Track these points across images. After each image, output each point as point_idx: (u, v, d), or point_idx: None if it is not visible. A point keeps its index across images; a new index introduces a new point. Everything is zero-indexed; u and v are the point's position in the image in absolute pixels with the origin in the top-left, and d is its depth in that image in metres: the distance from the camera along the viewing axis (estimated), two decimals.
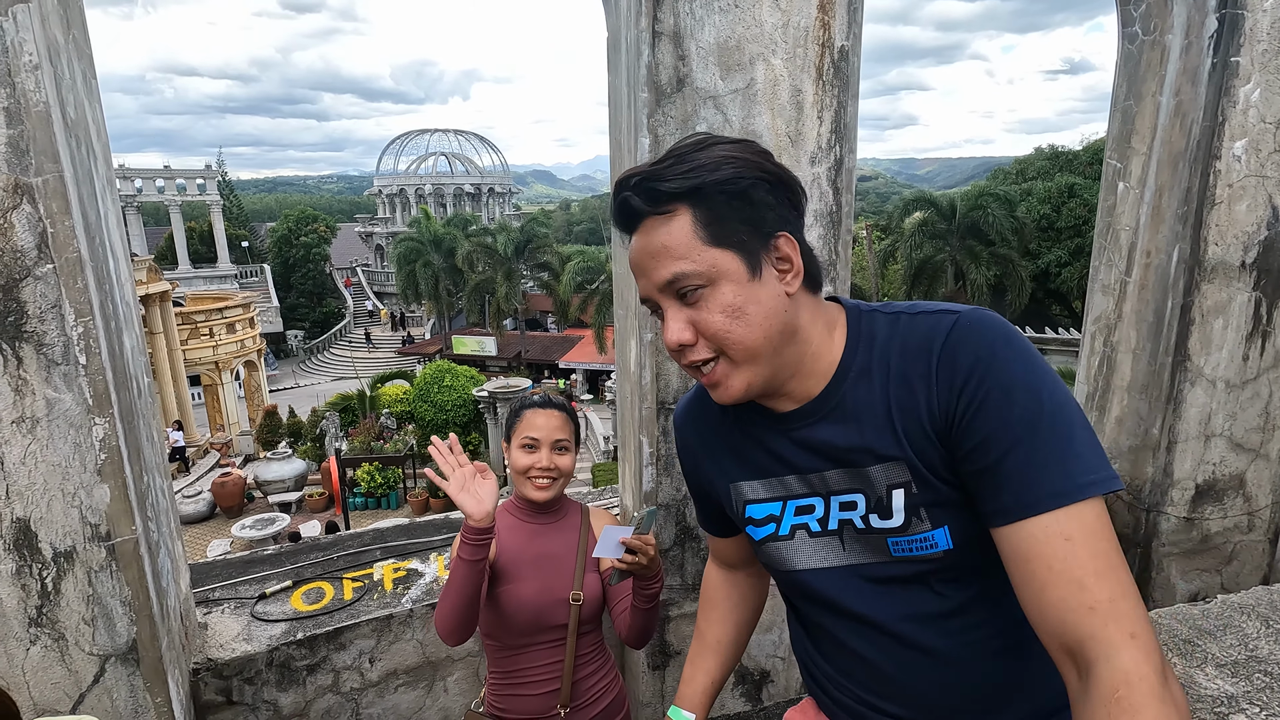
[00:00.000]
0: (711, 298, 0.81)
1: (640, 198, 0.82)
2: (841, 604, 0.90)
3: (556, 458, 1.56)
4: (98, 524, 1.49)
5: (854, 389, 0.84)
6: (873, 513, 0.85)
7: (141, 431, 1.67)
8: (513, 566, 1.55)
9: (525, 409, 1.59)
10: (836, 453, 0.86)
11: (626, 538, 1.37)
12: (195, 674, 1.87)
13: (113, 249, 1.64)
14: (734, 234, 0.80)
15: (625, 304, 2.14)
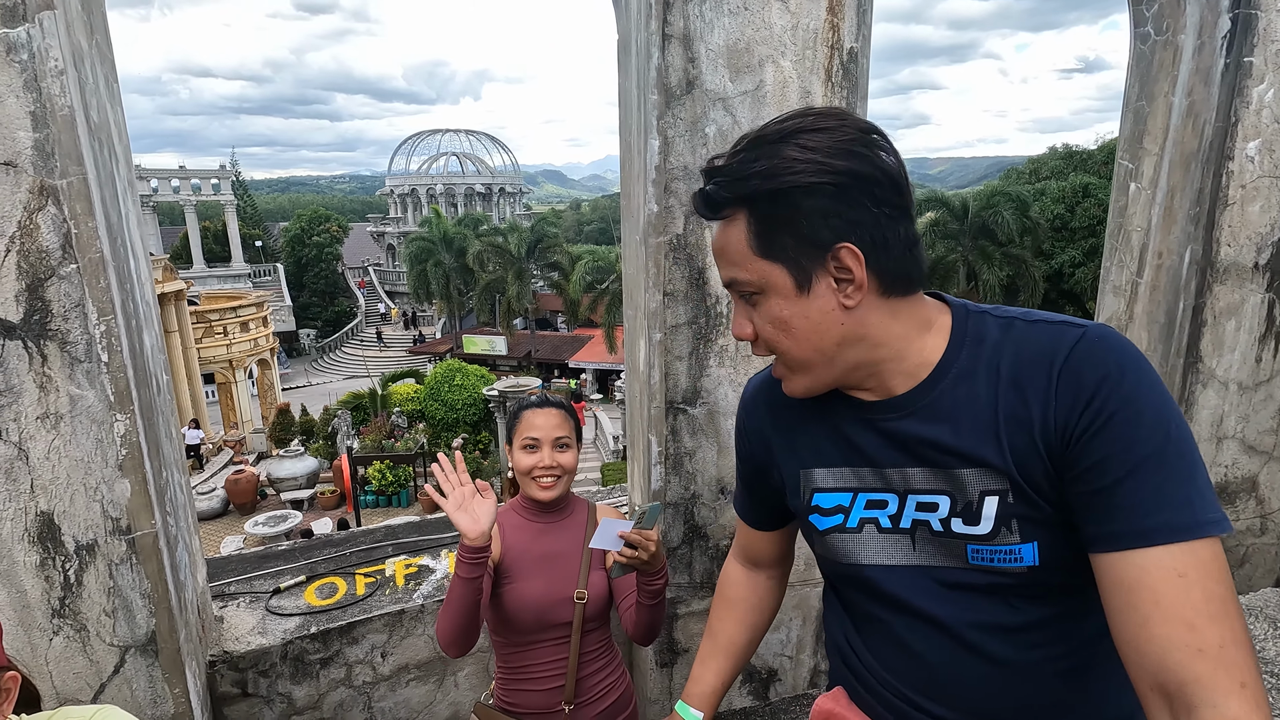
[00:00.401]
0: (763, 305, 0.81)
1: (702, 204, 0.83)
2: (905, 601, 0.87)
3: (558, 455, 1.57)
4: (118, 518, 1.53)
5: (953, 389, 0.81)
6: (957, 517, 0.82)
7: (160, 428, 1.71)
8: (518, 565, 1.57)
9: (524, 410, 1.62)
10: (924, 450, 0.83)
11: (625, 531, 1.39)
12: (212, 666, 1.90)
13: (133, 249, 1.67)
14: (783, 247, 0.78)
15: (635, 304, 2.15)
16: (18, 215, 1.36)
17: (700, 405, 2.07)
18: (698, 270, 1.98)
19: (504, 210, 49.30)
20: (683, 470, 2.11)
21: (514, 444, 1.60)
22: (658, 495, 2.11)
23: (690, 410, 2.07)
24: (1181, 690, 0.65)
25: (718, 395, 2.07)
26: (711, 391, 2.07)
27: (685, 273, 1.98)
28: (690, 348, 2.03)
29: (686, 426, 2.08)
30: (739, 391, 2.08)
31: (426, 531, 2.58)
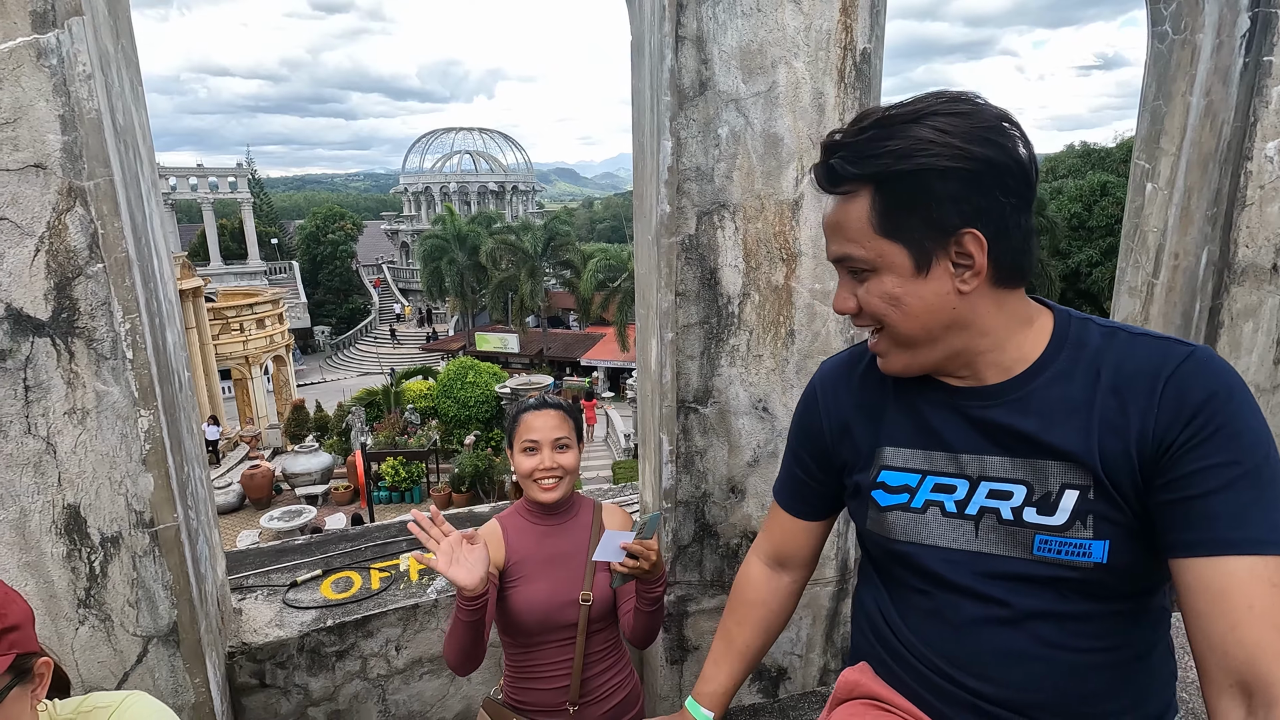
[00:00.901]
0: (874, 282, 0.83)
1: (824, 177, 0.84)
2: (958, 583, 0.89)
3: (558, 456, 1.57)
4: (142, 511, 1.56)
5: (1048, 387, 0.84)
6: (1031, 506, 0.84)
7: (182, 423, 1.74)
8: (523, 568, 1.58)
9: (522, 413, 1.62)
10: (1010, 439, 0.85)
11: (627, 542, 1.41)
12: (231, 657, 1.94)
13: (156, 249, 1.71)
14: (907, 228, 0.79)
15: (647, 303, 2.17)
16: (47, 216, 1.40)
17: (711, 404, 2.08)
18: (709, 271, 1.99)
19: (517, 208, 49.47)
20: (693, 469, 2.12)
21: (514, 447, 1.61)
22: (669, 493, 2.12)
23: (701, 409, 2.08)
24: (1268, 689, 0.69)
25: (728, 395, 2.08)
26: (722, 391, 2.08)
27: (697, 273, 1.99)
28: (702, 347, 2.04)
29: (698, 425, 2.09)
30: (750, 391, 2.09)
31: None
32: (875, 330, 0.89)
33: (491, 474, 16.75)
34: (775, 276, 2.03)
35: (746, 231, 1.99)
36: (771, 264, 2.02)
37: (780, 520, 1.17)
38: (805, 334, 2.08)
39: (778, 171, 1.97)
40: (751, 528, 2.20)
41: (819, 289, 2.05)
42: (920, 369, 0.89)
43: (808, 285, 2.05)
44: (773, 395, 2.10)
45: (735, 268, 2.01)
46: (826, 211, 0.87)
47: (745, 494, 2.17)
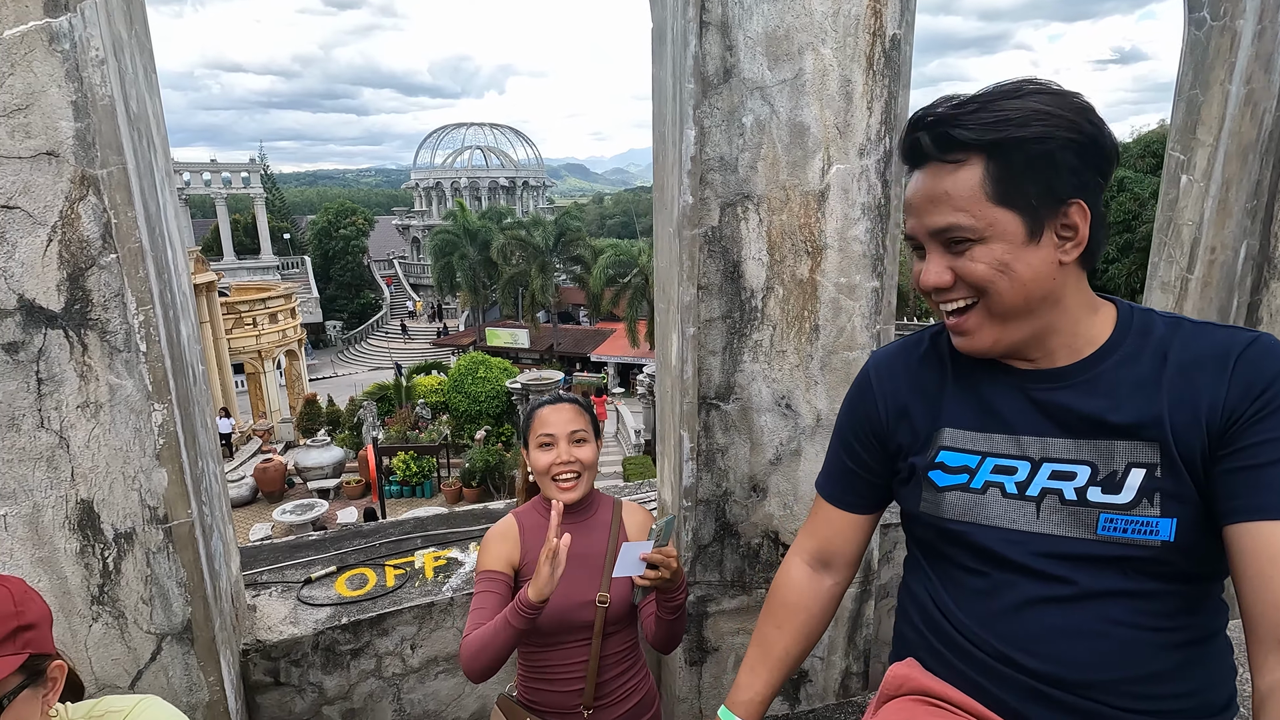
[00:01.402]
0: (981, 250, 0.83)
1: (932, 141, 0.83)
2: (1020, 563, 0.88)
3: (575, 450, 1.53)
4: (156, 507, 1.54)
5: (1116, 369, 0.86)
6: (1095, 485, 0.85)
7: (196, 418, 1.71)
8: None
9: (536, 409, 1.58)
10: (1076, 421, 0.86)
11: (647, 553, 1.35)
12: (245, 654, 1.92)
13: (171, 240, 1.68)
14: (1023, 195, 0.80)
15: (667, 297, 2.12)
16: (59, 205, 1.37)
17: (733, 401, 2.03)
18: (732, 264, 1.94)
19: (527, 204, 49.49)
20: (715, 467, 2.07)
21: (529, 445, 1.56)
22: (689, 492, 2.08)
23: (723, 406, 2.03)
24: None
25: (750, 391, 2.03)
26: (744, 387, 2.03)
27: (720, 266, 1.94)
28: (724, 342, 1.99)
29: (719, 422, 2.04)
30: (773, 388, 2.04)
31: (454, 524, 2.58)
32: (966, 306, 0.88)
33: (502, 469, 16.77)
34: (800, 270, 1.98)
35: (771, 224, 1.94)
36: (796, 257, 1.97)
37: (826, 515, 1.13)
38: (830, 329, 2.02)
39: (803, 162, 1.91)
40: (773, 527, 2.15)
41: (844, 283, 2.00)
42: (1005, 347, 0.89)
43: (833, 279, 1.99)
44: (796, 392, 2.05)
45: (759, 261, 1.96)
46: (918, 186, 0.86)
47: (767, 493, 2.12)
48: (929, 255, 0.88)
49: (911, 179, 0.87)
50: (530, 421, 1.57)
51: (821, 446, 2.09)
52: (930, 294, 0.88)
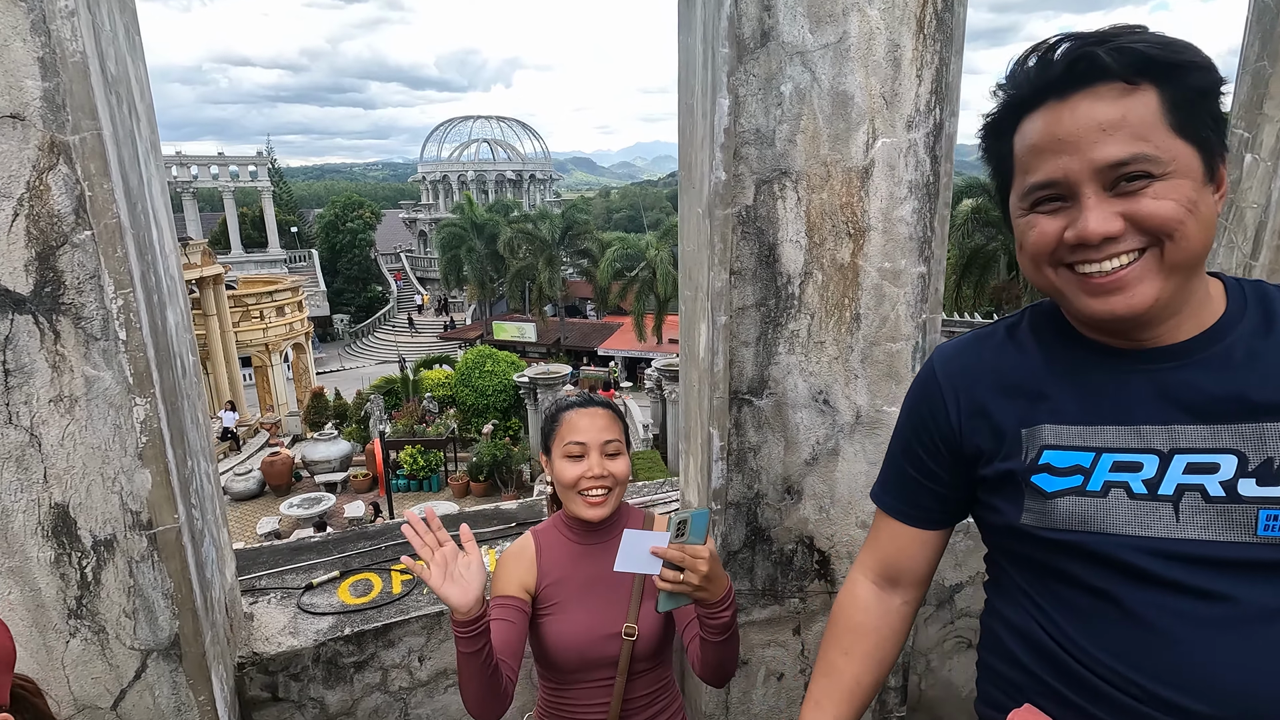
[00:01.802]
0: (1164, 187, 0.70)
1: (1114, 57, 0.70)
2: (1165, 577, 0.75)
3: (609, 463, 1.32)
4: (139, 511, 1.40)
5: (1249, 339, 0.76)
6: (1248, 477, 0.72)
7: (185, 413, 1.57)
8: (559, 593, 1.35)
9: (564, 411, 1.37)
10: (1208, 402, 0.75)
11: (660, 548, 1.12)
12: (240, 668, 1.78)
13: (156, 218, 1.53)
14: (1201, 127, 0.71)
15: (694, 284, 1.96)
16: (26, 175, 1.22)
17: (767, 396, 1.88)
18: (768, 246, 1.78)
19: (534, 197, 49.33)
20: (746, 467, 1.92)
21: (553, 452, 1.36)
22: (718, 494, 1.92)
23: (756, 401, 1.88)
24: None
25: (785, 385, 1.88)
26: (779, 381, 1.87)
27: (754, 249, 1.78)
28: (758, 332, 1.83)
29: (751, 419, 1.89)
30: (810, 382, 1.88)
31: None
32: (1133, 257, 0.73)
33: (510, 463, 16.68)
34: (841, 254, 1.81)
35: (810, 202, 1.78)
36: (837, 239, 1.81)
37: (890, 530, 1.00)
38: (872, 318, 1.86)
39: (846, 135, 1.75)
40: (808, 532, 2.00)
41: (888, 268, 1.84)
42: (1163, 306, 0.75)
43: (876, 264, 1.83)
44: (834, 387, 1.89)
45: (796, 243, 1.79)
46: (1081, 114, 0.71)
47: (802, 495, 1.96)
48: (1089, 200, 0.73)
49: (1060, 111, 0.72)
50: (556, 425, 1.37)
51: (861, 446, 1.94)
52: (1088, 249, 0.73)
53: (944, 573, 2.41)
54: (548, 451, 1.39)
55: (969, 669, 2.63)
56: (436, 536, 1.17)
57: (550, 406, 1.44)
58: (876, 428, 1.93)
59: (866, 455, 1.95)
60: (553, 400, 1.48)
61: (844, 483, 1.97)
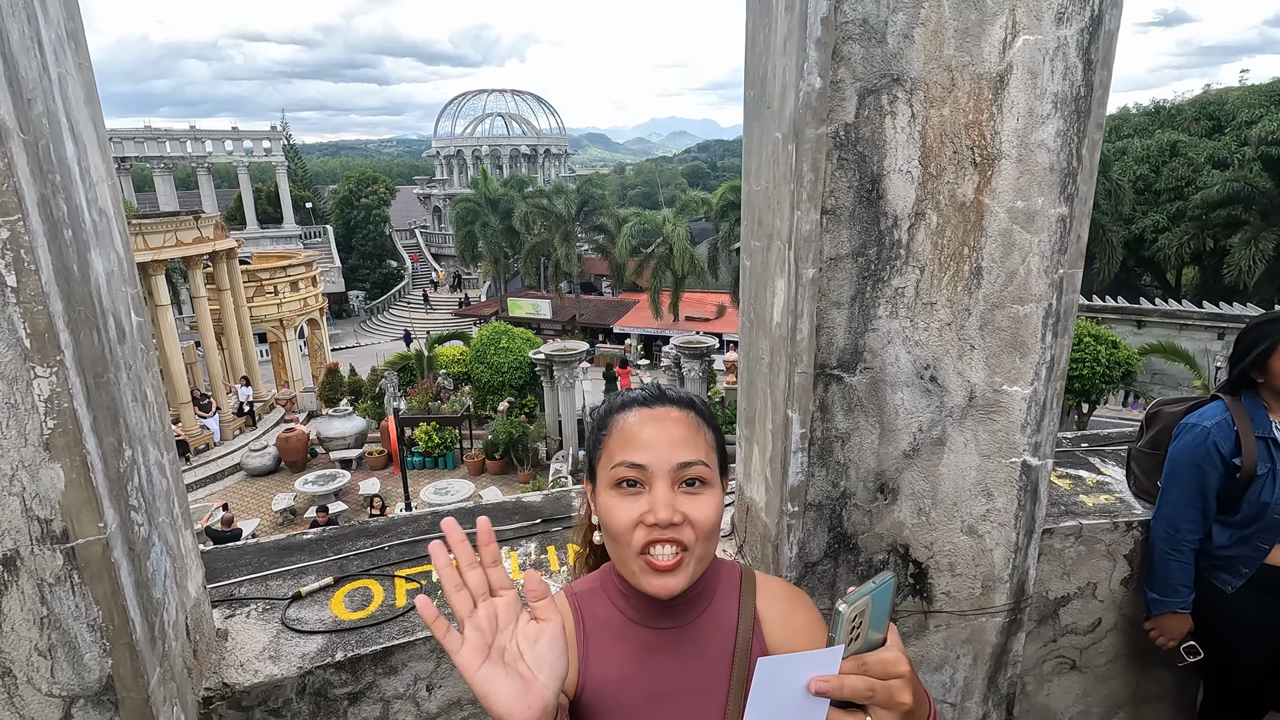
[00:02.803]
0: None
1: None
2: None
3: (686, 503, 0.83)
4: (48, 519, 1.04)
5: None
6: None
7: (124, 389, 1.21)
8: (613, 708, 0.88)
9: (617, 413, 0.91)
10: None
11: (824, 679, 0.62)
12: (208, 703, 1.45)
13: (75, 129, 1.16)
14: None
15: (767, 231, 1.57)
16: None
17: (861, 372, 1.49)
18: (871, 178, 1.38)
19: (549, 172, 48.64)
20: (831, 460, 1.54)
21: (599, 475, 0.89)
22: (796, 493, 1.54)
23: (847, 378, 1.49)
24: None
25: (884, 358, 1.49)
26: (877, 353, 1.48)
27: (853, 181, 1.38)
28: (853, 290, 1.44)
29: (840, 400, 1.50)
30: (914, 353, 1.49)
31: None
32: None
33: (525, 441, 16.43)
34: (962, 188, 1.41)
35: (927, 120, 1.37)
36: (959, 170, 1.40)
37: None
38: (996, 273, 1.46)
39: (978, 29, 1.34)
40: (903, 539, 1.62)
41: (1020, 208, 1.43)
42: None
43: (1006, 202, 1.42)
44: (945, 360, 1.50)
45: (907, 174, 1.39)
46: None
47: (898, 494, 1.58)
48: None
49: None
50: (605, 434, 0.90)
51: (973, 434, 1.55)
52: None
53: (1048, 582, 2.03)
54: (593, 475, 0.93)
55: (1069, 694, 2.26)
56: (485, 574, 0.68)
57: (601, 406, 0.97)
58: (993, 412, 1.54)
59: (979, 446, 1.56)
60: (604, 403, 0.96)
61: (949, 480, 1.58)
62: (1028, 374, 1.52)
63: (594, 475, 0.92)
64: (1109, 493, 2.20)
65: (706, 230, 30.09)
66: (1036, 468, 1.59)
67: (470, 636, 0.66)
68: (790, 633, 0.94)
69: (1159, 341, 15.54)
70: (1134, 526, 2.05)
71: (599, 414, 0.94)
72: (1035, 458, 1.58)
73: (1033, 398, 1.53)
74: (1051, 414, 1.57)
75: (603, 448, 0.89)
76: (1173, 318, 17.45)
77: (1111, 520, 2.04)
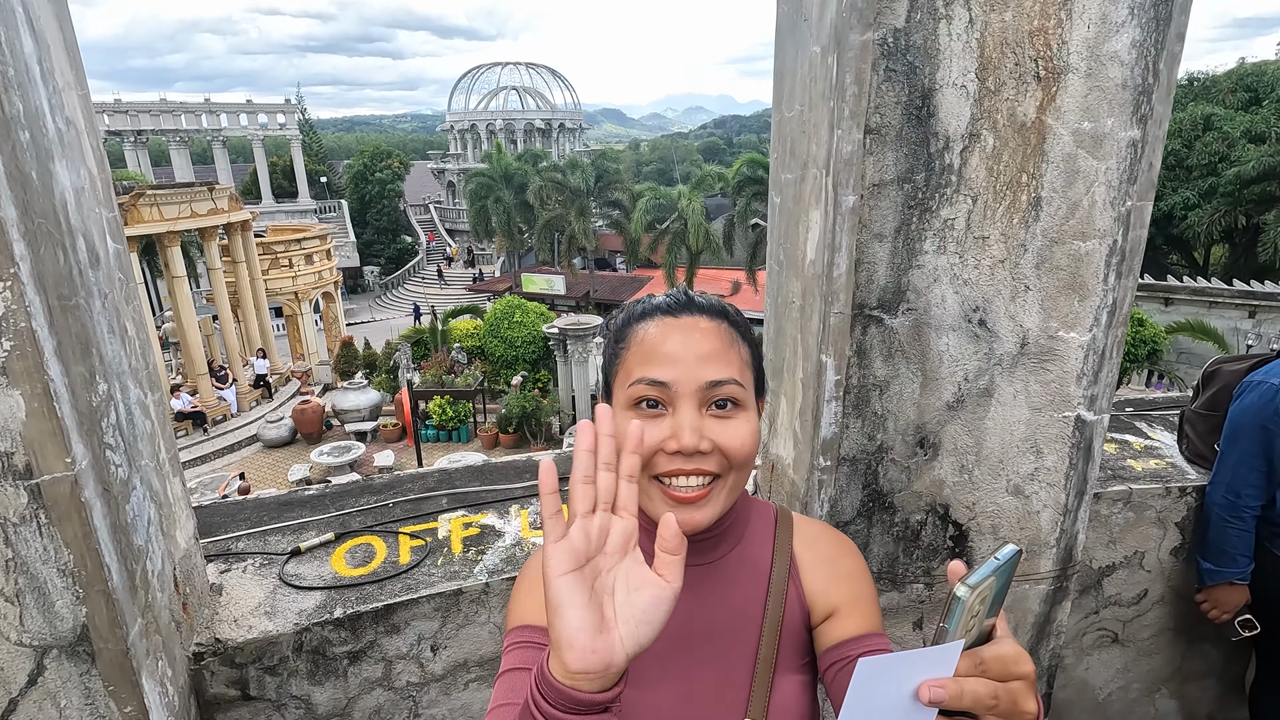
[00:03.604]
0: None
1: None
2: None
3: (716, 427, 0.73)
4: (9, 451, 0.95)
5: None
6: None
7: (97, 318, 1.11)
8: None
9: (637, 321, 0.79)
10: None
11: (940, 684, 0.50)
12: (199, 658, 1.36)
13: (33, 24, 1.04)
14: None
15: (801, 159, 1.43)
16: None
17: (904, 313, 1.35)
18: (921, 92, 1.24)
19: (563, 147, 48.18)
20: (868, 411, 1.41)
21: (615, 395, 0.78)
22: (829, 447, 1.42)
23: (887, 320, 1.36)
24: None
25: (929, 298, 1.35)
26: (921, 292, 1.35)
27: (901, 96, 1.23)
28: (897, 222, 1.30)
29: (880, 345, 1.37)
30: (962, 293, 1.35)
31: (491, 479, 1.99)
32: None
33: (539, 415, 16.41)
34: (1023, 106, 1.26)
35: (986, 26, 1.22)
36: (1020, 85, 1.25)
37: None
38: (1057, 204, 1.31)
39: None
40: (943, 499, 1.50)
41: (1087, 130, 1.28)
42: None
43: (1071, 123, 1.27)
44: (995, 301, 1.36)
45: (962, 89, 1.24)
46: None
47: (939, 449, 1.46)
48: None
49: None
50: (623, 344, 0.79)
51: (1023, 384, 1.41)
52: None
53: (1093, 551, 1.90)
54: (608, 395, 0.82)
55: (1110, 668, 2.14)
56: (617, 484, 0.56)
57: (618, 313, 0.85)
58: (1047, 361, 1.40)
59: (1029, 398, 1.43)
60: (622, 310, 0.84)
61: (995, 434, 1.45)
62: (1086, 319, 1.38)
63: (609, 394, 0.80)
64: (1159, 457, 2.06)
65: (722, 207, 29.72)
66: (1091, 423, 1.46)
67: (573, 534, 0.55)
68: (832, 579, 0.82)
69: (1187, 320, 15.14)
70: (1187, 492, 1.91)
71: (616, 323, 0.82)
72: (1090, 412, 1.45)
73: (1091, 345, 1.39)
74: (1110, 364, 1.44)
75: (620, 362, 0.78)
76: (1202, 295, 16.98)
77: (1164, 485, 1.90)
